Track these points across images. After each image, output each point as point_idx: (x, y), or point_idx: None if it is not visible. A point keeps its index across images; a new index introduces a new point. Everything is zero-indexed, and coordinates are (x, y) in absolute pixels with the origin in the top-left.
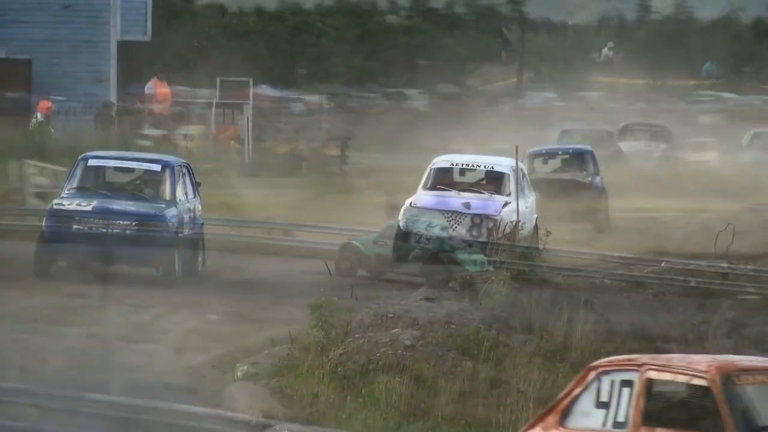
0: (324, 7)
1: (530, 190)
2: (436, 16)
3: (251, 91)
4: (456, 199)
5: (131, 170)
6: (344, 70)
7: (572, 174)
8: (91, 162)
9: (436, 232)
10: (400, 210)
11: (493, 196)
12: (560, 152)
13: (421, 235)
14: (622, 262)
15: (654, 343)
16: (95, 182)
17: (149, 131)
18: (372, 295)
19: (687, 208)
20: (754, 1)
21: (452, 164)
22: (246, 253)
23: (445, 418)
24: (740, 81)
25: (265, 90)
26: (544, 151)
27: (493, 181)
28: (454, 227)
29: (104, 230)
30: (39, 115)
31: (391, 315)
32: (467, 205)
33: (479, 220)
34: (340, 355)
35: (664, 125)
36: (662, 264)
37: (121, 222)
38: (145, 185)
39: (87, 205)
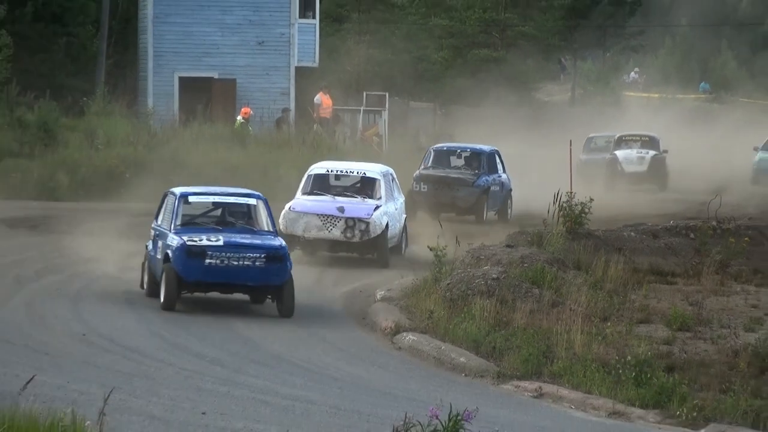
0: (437, 42)
1: (399, 193)
2: (514, 48)
3: (387, 101)
4: (331, 203)
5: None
6: (450, 88)
7: (461, 172)
8: (192, 198)
9: (313, 234)
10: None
11: (366, 200)
12: (461, 150)
13: (299, 237)
14: (645, 222)
15: (665, 277)
16: (203, 216)
17: (317, 128)
18: (470, 241)
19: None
20: None
21: (327, 170)
22: None
23: (520, 328)
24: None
25: (396, 101)
26: (445, 149)
27: (366, 186)
28: (329, 229)
29: (236, 263)
30: (240, 118)
31: (482, 257)
32: (341, 209)
33: (353, 222)
34: (448, 284)
35: (653, 135)
36: (671, 222)
37: (251, 255)
38: (242, 217)
39: (216, 240)
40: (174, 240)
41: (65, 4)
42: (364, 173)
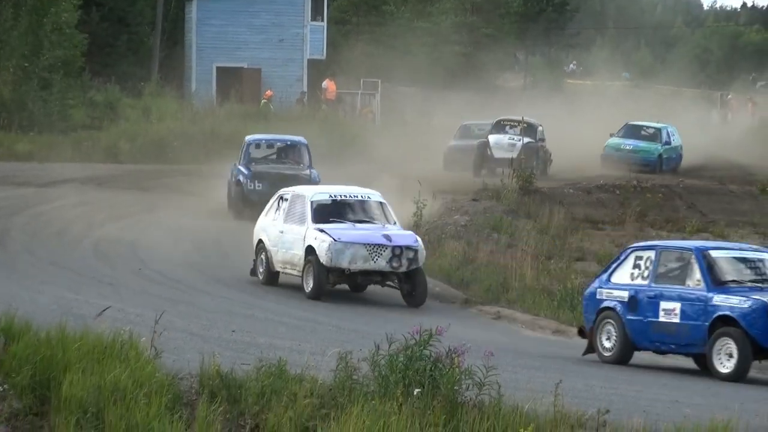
0: (419, 40)
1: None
2: (479, 45)
3: (379, 86)
4: (377, 230)
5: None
6: (429, 76)
7: (293, 168)
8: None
9: (359, 265)
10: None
11: (396, 225)
12: (278, 142)
13: (344, 270)
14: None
15: (597, 225)
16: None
17: (324, 107)
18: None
19: None
20: None
21: (330, 197)
22: None
23: (482, 264)
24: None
25: (387, 86)
26: (263, 141)
27: (376, 209)
28: (375, 259)
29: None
30: (264, 100)
31: (452, 208)
32: (388, 238)
33: (399, 251)
34: (426, 230)
35: (533, 122)
36: (601, 181)
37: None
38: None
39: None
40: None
41: (127, 9)
42: (369, 197)
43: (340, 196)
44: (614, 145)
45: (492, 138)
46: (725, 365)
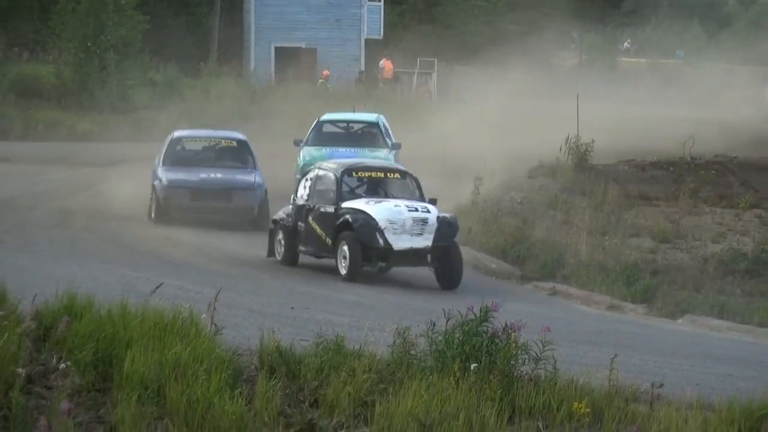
0: (475, 19)
1: None
2: (535, 24)
3: (436, 65)
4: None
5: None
6: (484, 55)
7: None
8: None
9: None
10: None
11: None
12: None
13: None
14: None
15: (651, 201)
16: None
17: (382, 86)
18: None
19: None
20: None
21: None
22: None
23: (538, 241)
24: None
25: (443, 65)
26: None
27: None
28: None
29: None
30: (321, 80)
31: (509, 185)
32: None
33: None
34: (482, 207)
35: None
36: (654, 158)
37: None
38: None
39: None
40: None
41: None
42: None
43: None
44: None
45: None
46: None
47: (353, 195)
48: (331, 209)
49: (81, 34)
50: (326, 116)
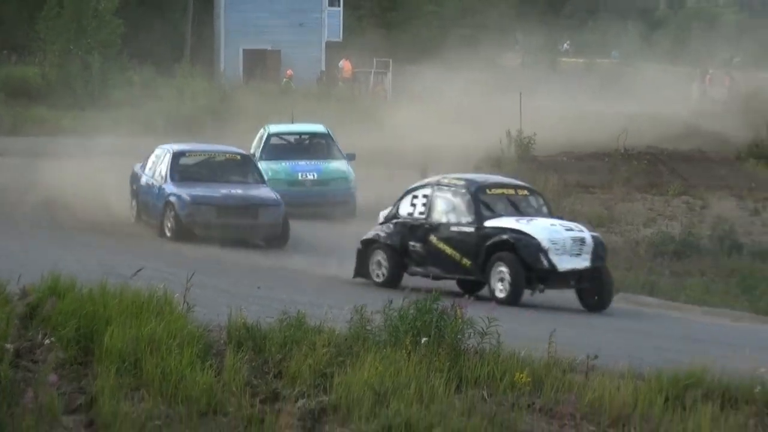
0: (427, 23)
1: None
2: (483, 27)
3: (390, 65)
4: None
5: None
6: (436, 56)
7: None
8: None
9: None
10: None
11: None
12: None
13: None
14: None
15: (588, 189)
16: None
17: (341, 85)
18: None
19: None
20: None
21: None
22: None
23: None
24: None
25: (398, 65)
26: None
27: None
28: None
29: None
30: (285, 79)
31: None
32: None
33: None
34: None
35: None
36: (591, 150)
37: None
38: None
39: None
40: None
41: None
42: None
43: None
44: None
45: None
46: None
47: (491, 213)
48: (469, 228)
49: (64, 38)
50: (273, 129)
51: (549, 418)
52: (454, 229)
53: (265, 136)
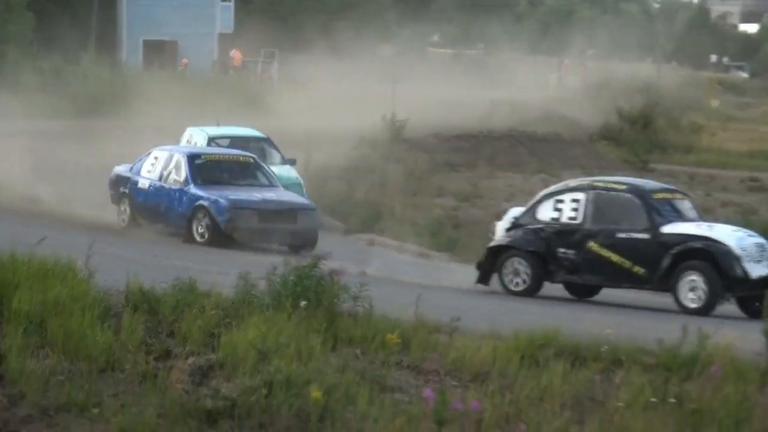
0: (310, 18)
1: None
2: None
3: (276, 55)
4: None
5: None
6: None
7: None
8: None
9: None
10: None
11: None
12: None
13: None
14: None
15: (454, 167)
16: None
17: (232, 73)
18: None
19: None
20: None
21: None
22: None
23: (359, 201)
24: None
25: (284, 55)
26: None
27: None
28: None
29: None
30: (181, 67)
31: (336, 154)
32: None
33: None
34: (314, 173)
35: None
36: (457, 132)
37: None
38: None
39: None
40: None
41: None
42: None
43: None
44: None
45: None
46: None
47: (661, 219)
48: (642, 235)
49: None
50: (212, 132)
51: (416, 374)
52: (621, 235)
53: (205, 139)
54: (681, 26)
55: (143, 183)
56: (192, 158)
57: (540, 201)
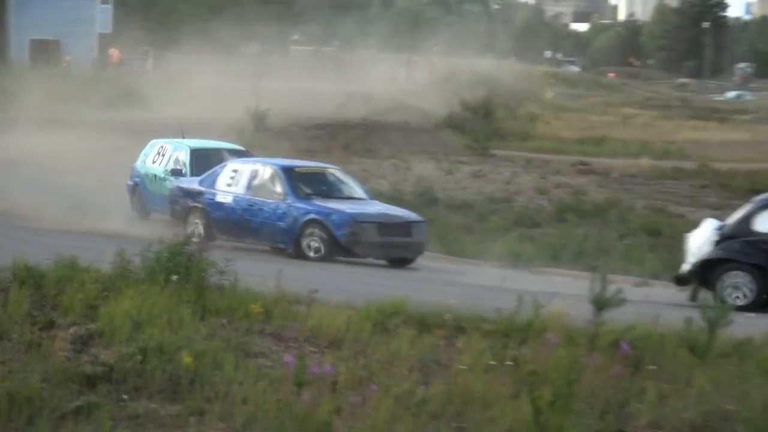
0: (182, 17)
1: None
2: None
3: (151, 52)
4: None
5: None
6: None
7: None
8: None
9: None
10: None
11: None
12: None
13: None
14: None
15: (312, 153)
16: None
17: (110, 69)
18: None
19: None
20: None
21: None
22: None
23: None
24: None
25: (160, 53)
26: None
27: None
28: None
29: None
30: (65, 64)
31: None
32: None
33: None
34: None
35: None
36: (316, 122)
37: None
38: None
39: None
40: None
41: None
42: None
43: None
44: None
45: None
46: None
47: None
48: None
49: None
50: (195, 145)
51: (277, 341)
52: None
53: (187, 153)
54: (518, 25)
55: (224, 197)
56: (287, 171)
57: (755, 212)
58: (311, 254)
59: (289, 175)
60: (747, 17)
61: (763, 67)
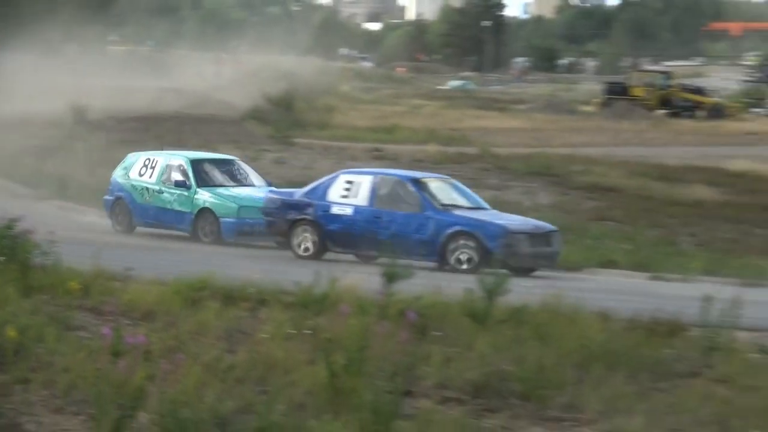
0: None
1: None
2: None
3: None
4: None
5: None
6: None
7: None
8: None
9: None
10: None
11: None
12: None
13: None
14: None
15: (129, 144)
16: None
17: None
18: None
19: None
20: None
21: None
22: None
23: (50, 172)
24: None
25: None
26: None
27: None
28: None
29: None
30: None
31: (25, 137)
32: None
33: None
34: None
35: None
36: (131, 115)
37: None
38: None
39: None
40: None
41: None
42: None
43: None
44: None
45: None
46: None
47: None
48: None
49: None
50: (193, 156)
51: (96, 315)
52: None
53: (188, 163)
54: (316, 25)
55: (340, 209)
56: (416, 181)
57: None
58: (465, 266)
59: (420, 186)
60: (525, 16)
61: (538, 61)
